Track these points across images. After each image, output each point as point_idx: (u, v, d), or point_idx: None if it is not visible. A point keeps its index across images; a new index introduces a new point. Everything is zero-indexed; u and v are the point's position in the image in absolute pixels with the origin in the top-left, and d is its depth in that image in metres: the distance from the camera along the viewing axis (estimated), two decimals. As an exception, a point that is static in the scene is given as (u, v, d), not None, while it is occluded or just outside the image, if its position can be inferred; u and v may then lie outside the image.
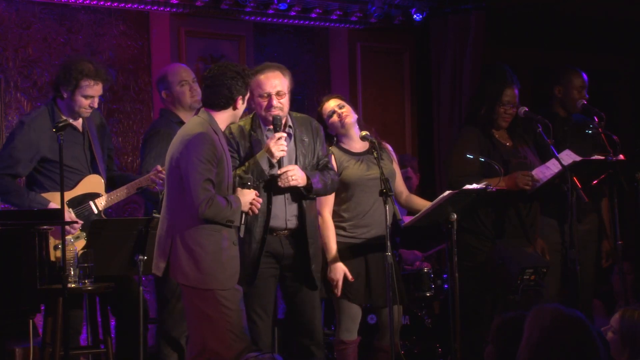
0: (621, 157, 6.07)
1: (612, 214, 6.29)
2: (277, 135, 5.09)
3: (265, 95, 5.15)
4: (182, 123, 5.47)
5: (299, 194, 5.20)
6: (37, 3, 6.89)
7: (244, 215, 4.86)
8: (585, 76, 6.53)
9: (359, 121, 5.69)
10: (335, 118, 5.60)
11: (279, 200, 5.17)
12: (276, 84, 5.16)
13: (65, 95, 5.54)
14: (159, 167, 5.53)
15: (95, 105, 5.59)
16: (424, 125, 8.66)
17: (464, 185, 5.56)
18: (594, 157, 6.06)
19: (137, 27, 7.34)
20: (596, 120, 6.25)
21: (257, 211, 4.91)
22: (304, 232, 5.22)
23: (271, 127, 5.17)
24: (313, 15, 8.03)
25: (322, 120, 5.63)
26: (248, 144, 5.18)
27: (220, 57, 7.57)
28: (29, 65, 6.85)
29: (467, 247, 6.03)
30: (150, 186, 5.61)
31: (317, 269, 5.28)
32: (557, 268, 6.29)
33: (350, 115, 5.62)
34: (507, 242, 6.06)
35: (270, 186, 5.14)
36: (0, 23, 6.76)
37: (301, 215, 5.22)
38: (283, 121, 5.21)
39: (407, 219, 5.72)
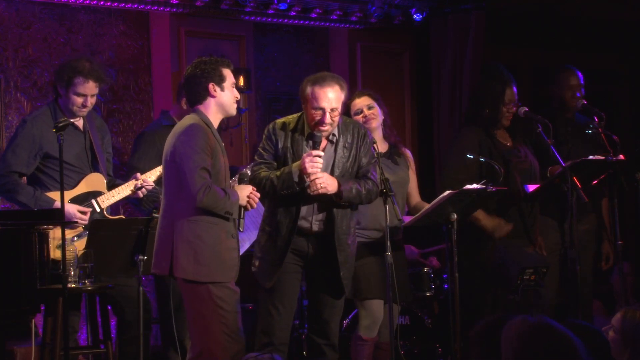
0: (621, 157, 6.07)
1: (612, 214, 6.30)
2: (314, 152, 5.06)
3: (319, 109, 5.09)
4: (173, 125, 5.46)
5: (330, 200, 5.17)
6: (37, 3, 6.89)
7: (242, 210, 4.85)
8: (580, 75, 6.53)
9: (384, 122, 5.70)
10: (359, 118, 5.61)
11: (308, 203, 5.15)
12: (332, 99, 5.08)
13: (61, 93, 5.59)
14: (138, 175, 5.59)
15: (89, 104, 5.59)
16: (424, 125, 8.65)
17: (463, 186, 5.55)
18: (594, 157, 6.06)
19: (137, 27, 7.33)
20: (596, 120, 6.25)
21: (255, 205, 4.88)
22: (332, 238, 5.19)
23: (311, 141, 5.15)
24: (313, 15, 8.02)
25: (349, 113, 5.64)
26: (288, 142, 5.17)
27: (220, 57, 7.56)
28: (29, 65, 6.85)
29: (467, 247, 6.03)
30: (132, 193, 5.63)
31: (346, 276, 5.24)
32: (557, 268, 6.29)
33: (376, 119, 5.64)
34: (507, 242, 6.07)
35: (303, 189, 5.12)
36: (0, 23, 6.76)
37: (330, 221, 5.19)
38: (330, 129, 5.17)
39: (407, 219, 5.72)
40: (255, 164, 5.22)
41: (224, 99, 4.89)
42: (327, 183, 5.08)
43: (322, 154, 5.08)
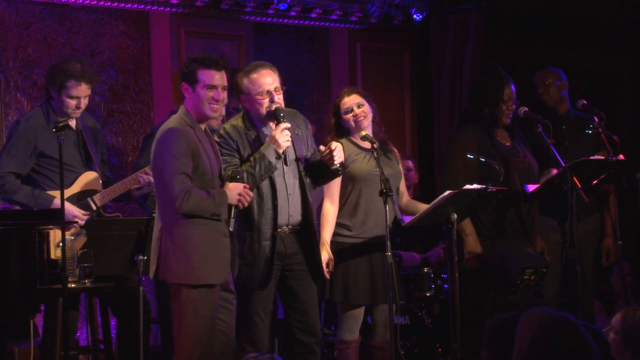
0: (621, 157, 6.07)
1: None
2: (282, 125, 5.05)
3: (266, 93, 5.11)
4: None
5: (303, 188, 5.17)
6: (37, 3, 6.89)
7: (233, 209, 4.79)
8: (561, 74, 6.58)
9: (373, 119, 5.68)
10: (350, 116, 5.60)
11: (282, 196, 5.13)
12: (271, 81, 5.14)
13: (53, 96, 5.59)
14: (147, 169, 5.58)
15: (82, 105, 5.60)
16: (424, 125, 8.65)
17: (462, 186, 5.55)
18: (594, 157, 6.06)
19: (137, 27, 7.33)
20: (596, 120, 6.25)
21: (246, 204, 4.83)
22: (310, 227, 5.18)
23: (271, 123, 5.13)
24: (313, 15, 8.02)
25: (339, 112, 5.62)
26: (246, 142, 5.14)
27: (220, 57, 7.55)
28: (29, 65, 6.85)
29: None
30: (132, 188, 5.63)
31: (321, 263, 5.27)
32: (557, 268, 6.29)
33: (366, 117, 5.59)
34: (507, 242, 6.06)
35: (274, 181, 5.11)
36: (0, 23, 6.76)
37: (306, 210, 5.18)
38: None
39: (407, 219, 5.71)
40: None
41: (194, 100, 4.80)
42: (341, 153, 5.14)
43: (289, 125, 5.08)
